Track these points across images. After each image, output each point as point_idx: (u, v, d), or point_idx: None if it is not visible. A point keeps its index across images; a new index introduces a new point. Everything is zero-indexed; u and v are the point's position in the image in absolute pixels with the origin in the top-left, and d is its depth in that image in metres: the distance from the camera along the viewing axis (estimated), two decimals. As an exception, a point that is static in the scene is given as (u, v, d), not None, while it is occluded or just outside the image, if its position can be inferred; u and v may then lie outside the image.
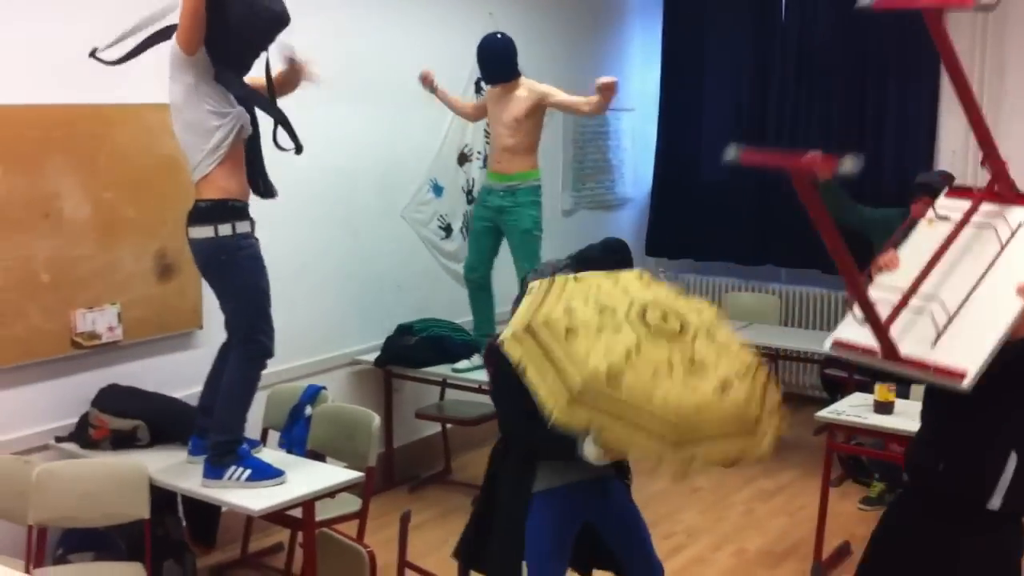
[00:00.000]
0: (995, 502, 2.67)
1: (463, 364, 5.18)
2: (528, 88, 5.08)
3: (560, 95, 5.07)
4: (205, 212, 3.51)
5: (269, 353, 3.63)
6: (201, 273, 3.70)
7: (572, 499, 3.20)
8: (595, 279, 3.07)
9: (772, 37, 6.77)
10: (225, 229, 3.51)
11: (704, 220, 6.96)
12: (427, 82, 5.20)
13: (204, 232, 3.51)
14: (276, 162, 3.75)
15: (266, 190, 3.70)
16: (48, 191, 3.93)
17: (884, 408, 4.36)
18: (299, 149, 3.50)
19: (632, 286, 3.01)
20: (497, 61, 5.07)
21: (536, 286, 3.05)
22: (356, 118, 5.18)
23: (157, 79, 3.57)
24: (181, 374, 4.28)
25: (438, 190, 5.79)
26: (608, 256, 3.77)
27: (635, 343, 2.71)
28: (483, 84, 5.45)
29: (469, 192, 5.90)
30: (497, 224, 5.17)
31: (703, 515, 5.14)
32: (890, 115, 6.37)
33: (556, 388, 2.69)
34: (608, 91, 4.86)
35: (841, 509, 5.05)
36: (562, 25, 6.49)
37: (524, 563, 3.19)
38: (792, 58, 6.69)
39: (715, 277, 7.05)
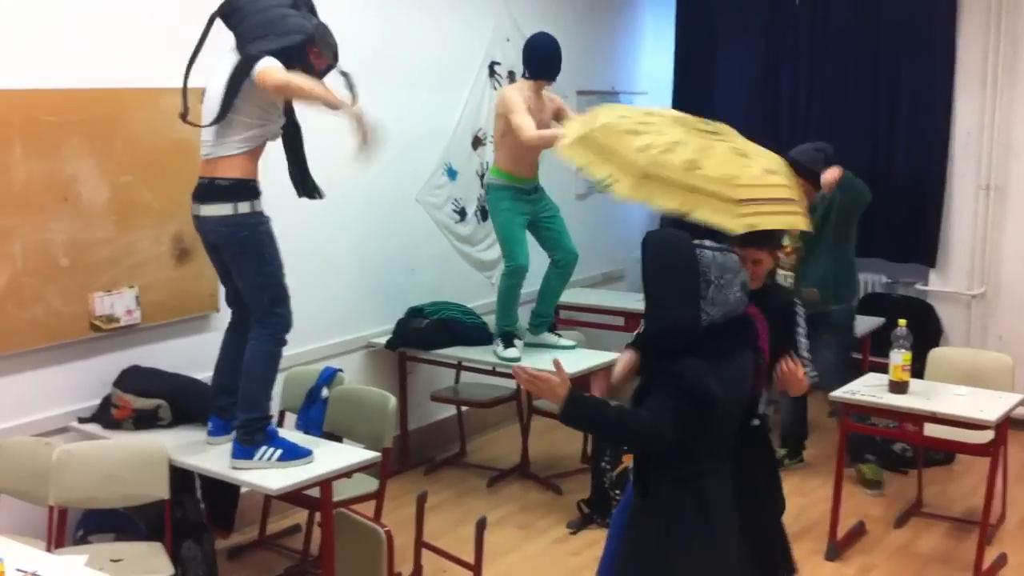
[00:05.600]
0: None
1: (510, 352, 5.01)
2: (548, 96, 5.09)
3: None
4: (224, 190, 3.53)
5: (290, 326, 3.66)
6: (214, 251, 3.69)
7: None
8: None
9: (785, 17, 6.74)
10: (244, 207, 3.55)
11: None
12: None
13: (221, 210, 3.53)
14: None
15: (310, 189, 3.81)
16: (66, 175, 3.95)
17: (898, 388, 4.36)
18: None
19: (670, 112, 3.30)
20: (560, 60, 5.02)
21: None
22: (369, 101, 5.15)
23: (172, 63, 3.59)
24: (198, 356, 4.29)
25: (452, 174, 5.79)
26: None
27: (683, 136, 3.00)
28: (528, 77, 5.03)
29: (482, 176, 5.90)
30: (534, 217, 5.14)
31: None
32: (904, 95, 6.33)
33: (623, 168, 2.86)
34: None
35: (856, 490, 5.09)
36: (574, 9, 6.47)
37: None
38: (805, 38, 6.66)
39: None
